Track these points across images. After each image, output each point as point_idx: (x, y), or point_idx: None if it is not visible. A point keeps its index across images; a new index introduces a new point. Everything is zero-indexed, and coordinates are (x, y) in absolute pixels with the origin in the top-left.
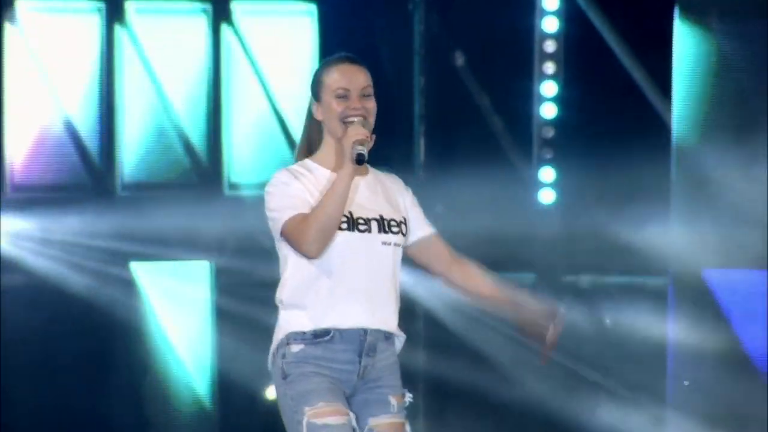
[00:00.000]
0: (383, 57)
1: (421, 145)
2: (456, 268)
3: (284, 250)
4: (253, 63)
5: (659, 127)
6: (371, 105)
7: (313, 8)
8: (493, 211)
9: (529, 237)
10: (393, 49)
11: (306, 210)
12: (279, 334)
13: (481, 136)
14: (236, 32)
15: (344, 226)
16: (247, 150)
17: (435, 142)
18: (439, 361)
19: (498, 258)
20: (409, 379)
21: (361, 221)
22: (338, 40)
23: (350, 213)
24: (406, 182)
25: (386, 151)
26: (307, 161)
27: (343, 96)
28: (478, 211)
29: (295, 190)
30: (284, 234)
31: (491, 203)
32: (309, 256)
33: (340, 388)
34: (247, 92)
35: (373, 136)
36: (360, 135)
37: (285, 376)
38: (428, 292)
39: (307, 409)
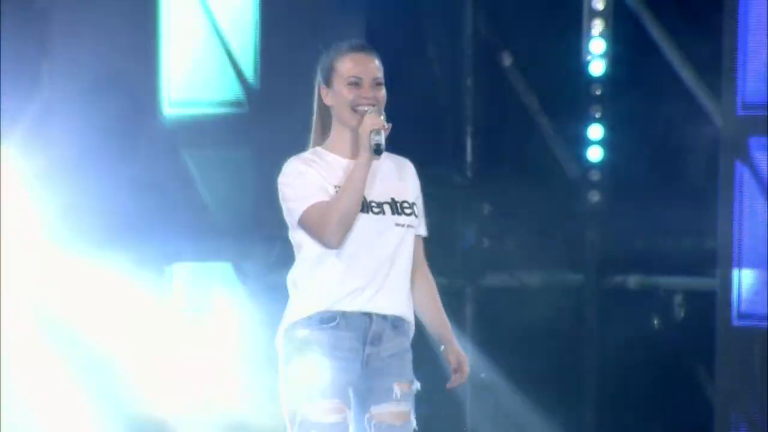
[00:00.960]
0: (431, 58)
1: (468, 145)
2: (416, 277)
3: (298, 237)
4: None
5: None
6: (382, 94)
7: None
8: (541, 212)
9: (576, 238)
10: (441, 49)
11: (323, 197)
12: (288, 316)
13: (529, 137)
14: None
15: None
16: None
17: (483, 143)
18: None
19: (545, 259)
20: None
21: (374, 204)
22: (385, 40)
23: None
24: (454, 182)
25: (434, 151)
26: (318, 149)
27: (355, 83)
28: (526, 212)
29: (310, 178)
30: (302, 224)
31: (539, 204)
32: (330, 247)
33: (343, 377)
34: None
35: (389, 125)
36: (377, 125)
37: (289, 361)
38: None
39: (305, 403)
